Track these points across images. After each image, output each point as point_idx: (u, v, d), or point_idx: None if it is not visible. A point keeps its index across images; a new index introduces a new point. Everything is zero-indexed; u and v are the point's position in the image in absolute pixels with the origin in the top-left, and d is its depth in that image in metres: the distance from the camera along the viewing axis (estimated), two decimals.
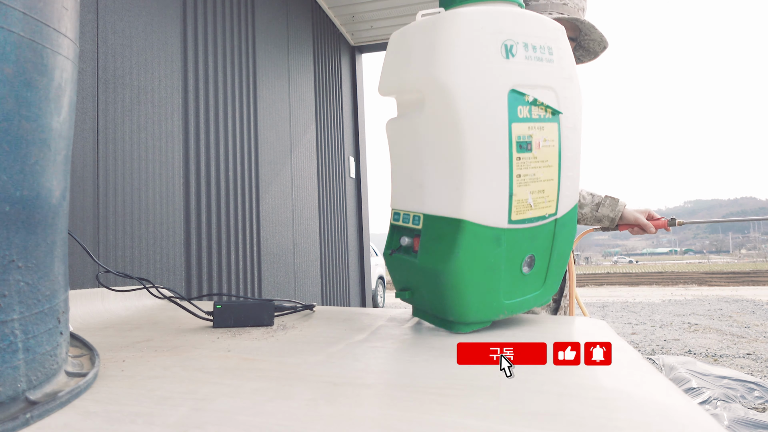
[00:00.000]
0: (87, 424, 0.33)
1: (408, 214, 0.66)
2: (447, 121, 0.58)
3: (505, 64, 0.58)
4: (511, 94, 0.58)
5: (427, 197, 0.62)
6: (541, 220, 0.63)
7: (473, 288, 0.59)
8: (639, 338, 5.78)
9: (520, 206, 0.61)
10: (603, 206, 1.40)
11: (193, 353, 0.54)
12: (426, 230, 0.62)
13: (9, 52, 0.33)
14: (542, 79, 0.61)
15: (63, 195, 0.42)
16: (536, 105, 0.61)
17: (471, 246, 0.58)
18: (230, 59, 1.99)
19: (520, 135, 0.59)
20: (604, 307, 9.32)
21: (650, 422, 0.32)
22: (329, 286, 3.08)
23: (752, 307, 8.63)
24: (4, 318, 0.34)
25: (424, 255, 0.62)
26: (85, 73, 1.20)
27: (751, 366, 4.26)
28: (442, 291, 0.60)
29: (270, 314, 0.73)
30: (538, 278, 0.66)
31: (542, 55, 0.62)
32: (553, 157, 0.63)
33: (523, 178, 0.60)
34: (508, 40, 0.59)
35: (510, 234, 0.60)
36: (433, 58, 0.58)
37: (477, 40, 0.57)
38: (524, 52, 0.60)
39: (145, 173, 1.43)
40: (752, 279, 16.07)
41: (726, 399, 2.89)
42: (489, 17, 0.58)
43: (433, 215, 0.61)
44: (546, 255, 0.66)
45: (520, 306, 0.65)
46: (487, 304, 0.61)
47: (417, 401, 0.37)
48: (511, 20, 0.59)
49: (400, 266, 0.67)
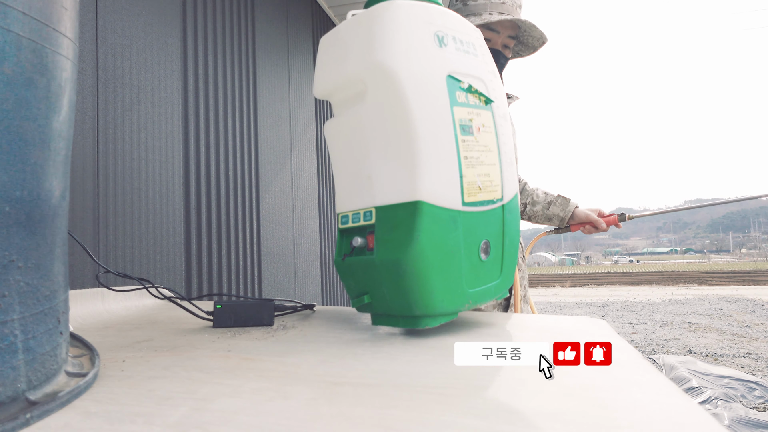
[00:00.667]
0: (87, 424, 0.33)
1: (357, 212, 0.64)
2: (394, 104, 0.58)
3: (440, 51, 0.61)
4: (449, 79, 0.61)
5: (377, 189, 0.61)
6: (490, 204, 0.64)
7: (436, 274, 0.58)
8: (639, 338, 5.78)
9: (471, 188, 0.61)
10: (554, 205, 1.45)
11: (193, 353, 0.54)
12: (380, 222, 0.61)
13: (8, 52, 0.33)
14: (472, 69, 0.65)
15: (63, 195, 0.42)
16: (471, 92, 0.63)
17: (430, 228, 0.57)
18: (230, 59, 1.99)
19: (461, 118, 0.61)
20: (604, 306, 9.32)
21: (651, 422, 0.32)
22: (329, 286, 3.08)
23: (753, 307, 8.63)
24: (4, 318, 0.34)
25: (382, 248, 0.60)
26: (84, 72, 1.20)
27: (751, 365, 4.26)
28: (405, 282, 0.58)
29: (270, 314, 0.73)
30: (495, 266, 0.66)
31: (469, 49, 0.65)
32: (492, 143, 0.66)
33: (470, 160, 0.62)
34: (439, 31, 0.62)
35: (465, 217, 0.60)
36: (374, 45, 0.59)
37: (414, 27, 0.60)
38: (454, 43, 0.63)
39: (145, 173, 1.43)
40: (753, 278, 16.06)
41: (726, 398, 2.89)
42: (421, 8, 0.61)
43: (386, 205, 0.60)
44: (499, 241, 0.66)
45: (483, 296, 0.64)
46: (451, 293, 0.59)
47: (417, 401, 0.37)
48: (438, 14, 0.63)
49: (355, 270, 0.64)
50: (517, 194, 0.71)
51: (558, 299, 11.21)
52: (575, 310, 8.67)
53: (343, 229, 0.67)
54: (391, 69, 0.58)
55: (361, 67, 0.61)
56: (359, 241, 0.63)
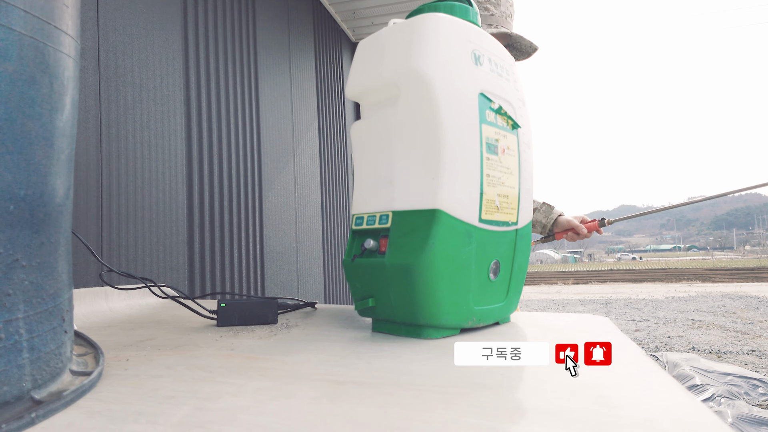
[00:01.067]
0: (91, 423, 0.33)
1: (374, 215, 0.64)
2: (425, 111, 0.59)
3: (475, 69, 0.62)
4: (481, 97, 0.62)
5: (397, 193, 0.62)
6: (505, 225, 0.65)
7: (445, 285, 0.58)
8: (642, 335, 5.77)
9: (489, 206, 0.62)
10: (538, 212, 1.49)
11: (197, 352, 0.55)
12: (396, 226, 0.61)
13: (11, 51, 0.33)
14: (503, 92, 0.66)
15: (66, 194, 0.42)
16: (500, 114, 0.65)
17: (445, 238, 0.57)
18: (231, 56, 1.99)
19: (488, 137, 0.62)
20: (607, 303, 9.31)
21: (654, 420, 0.32)
22: (332, 285, 3.09)
23: (756, 304, 8.60)
24: (9, 317, 0.34)
25: (394, 252, 0.60)
26: (86, 71, 1.21)
27: (755, 362, 4.25)
28: (414, 288, 0.58)
29: (273, 312, 0.73)
30: (502, 288, 0.66)
31: (502, 72, 0.67)
32: (514, 167, 0.67)
33: (492, 179, 0.62)
34: (476, 50, 0.63)
35: (480, 233, 0.61)
36: (412, 52, 0.60)
37: (452, 41, 0.61)
38: (489, 64, 0.65)
39: (148, 171, 1.43)
40: (756, 275, 16.00)
41: (730, 396, 2.89)
42: (460, 25, 0.63)
43: (404, 210, 0.61)
44: (509, 264, 0.67)
45: (488, 315, 0.64)
46: (458, 307, 0.60)
47: (419, 399, 0.37)
48: (476, 34, 0.64)
49: (363, 272, 0.64)
50: (530, 223, 0.71)
51: (561, 297, 11.20)
52: (578, 308, 8.67)
53: (357, 230, 0.67)
54: (427, 77, 0.59)
55: (397, 72, 0.62)
56: (371, 243, 0.63)
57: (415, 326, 0.60)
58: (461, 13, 0.66)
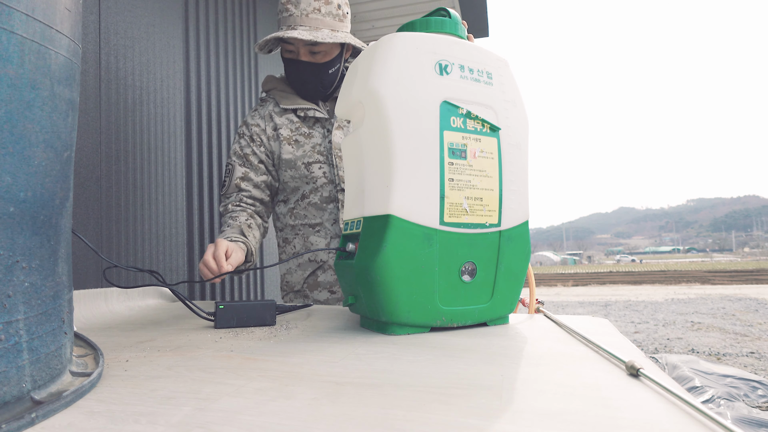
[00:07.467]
0: (91, 423, 0.33)
1: (353, 221, 0.70)
2: (378, 125, 0.64)
3: (439, 79, 0.65)
4: (444, 105, 0.65)
5: (366, 201, 0.66)
6: (479, 227, 0.66)
7: (402, 286, 0.61)
8: (642, 337, 5.77)
9: (453, 209, 0.64)
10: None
11: (196, 353, 0.55)
12: (364, 231, 0.66)
13: (12, 54, 0.34)
14: (479, 97, 0.68)
15: (66, 196, 0.42)
16: (471, 118, 0.66)
17: (398, 241, 0.61)
18: (232, 59, 2.00)
19: (452, 142, 0.65)
20: (606, 306, 9.31)
21: (653, 421, 0.33)
22: None
23: (755, 306, 8.60)
24: (9, 318, 0.34)
25: (359, 254, 0.65)
26: (87, 74, 1.21)
27: (754, 364, 4.25)
28: (373, 288, 0.62)
29: (272, 314, 0.73)
30: (483, 290, 0.67)
31: (480, 77, 0.69)
32: (492, 169, 0.68)
33: (456, 182, 0.65)
34: (443, 60, 0.66)
35: (443, 236, 0.63)
36: (369, 72, 0.65)
37: (411, 56, 0.65)
38: (459, 72, 0.67)
39: (148, 174, 1.43)
40: (756, 277, 16.01)
41: (729, 398, 2.88)
42: (424, 40, 0.66)
43: (369, 216, 0.65)
44: (491, 267, 0.68)
45: (462, 316, 0.66)
46: (420, 307, 0.63)
47: (419, 401, 0.37)
48: (447, 44, 0.67)
49: (346, 272, 0.69)
50: (524, 223, 0.71)
51: (560, 299, 11.19)
52: (578, 310, 8.66)
53: (346, 234, 0.72)
54: (379, 94, 0.63)
55: (361, 93, 0.67)
56: (350, 247, 0.68)
57: (381, 323, 0.65)
58: (435, 27, 0.70)
